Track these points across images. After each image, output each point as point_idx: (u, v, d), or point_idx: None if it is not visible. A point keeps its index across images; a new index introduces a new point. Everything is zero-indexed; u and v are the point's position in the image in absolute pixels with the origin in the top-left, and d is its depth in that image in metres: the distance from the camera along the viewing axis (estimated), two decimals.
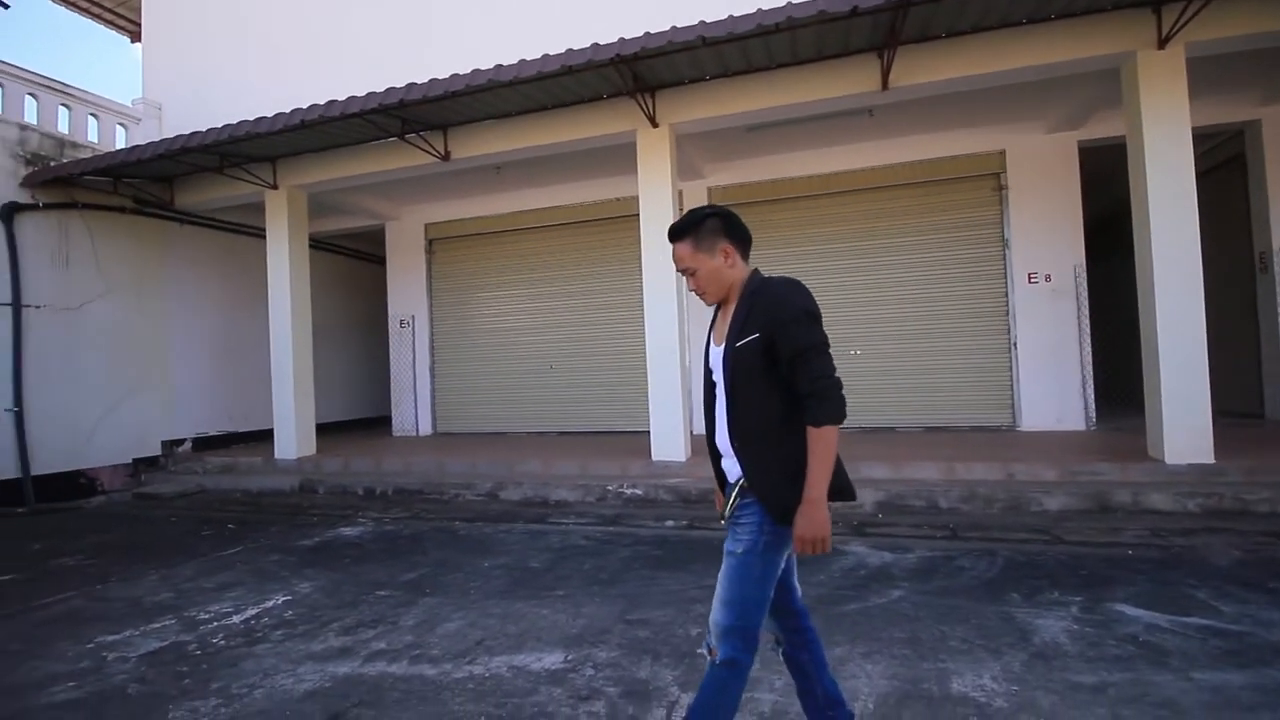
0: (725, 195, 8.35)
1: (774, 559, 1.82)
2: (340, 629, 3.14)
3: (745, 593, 1.79)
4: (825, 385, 1.72)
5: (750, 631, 1.80)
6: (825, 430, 1.72)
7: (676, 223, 1.95)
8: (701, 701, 1.81)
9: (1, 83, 7.38)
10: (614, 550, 4.39)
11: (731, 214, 1.95)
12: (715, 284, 1.93)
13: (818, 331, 1.77)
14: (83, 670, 2.79)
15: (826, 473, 1.72)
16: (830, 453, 1.72)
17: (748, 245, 1.96)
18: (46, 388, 7.27)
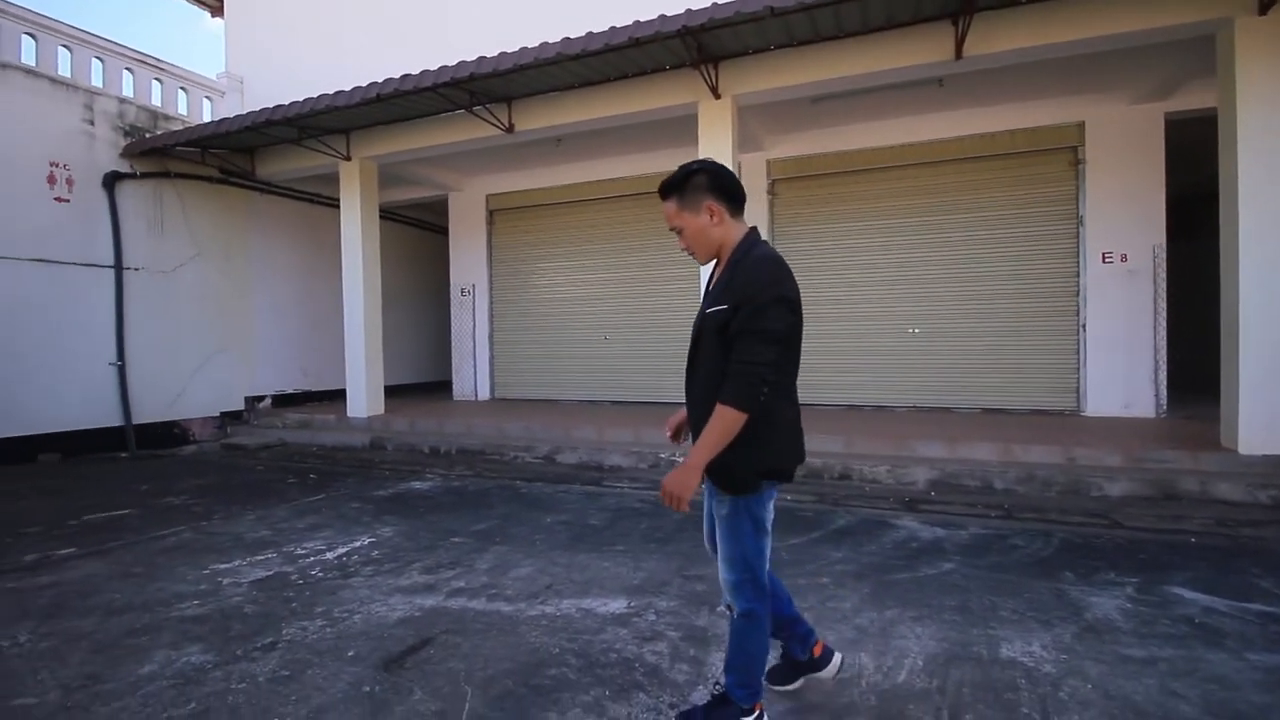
0: (785, 168, 8.28)
1: (758, 512, 1.89)
2: (422, 568, 3.44)
3: (743, 548, 1.89)
4: (745, 369, 1.72)
5: (757, 580, 1.91)
6: (725, 410, 1.72)
7: (665, 180, 1.94)
8: (733, 652, 1.95)
9: (102, 58, 7.92)
10: (667, 514, 4.58)
11: (721, 169, 1.93)
12: (702, 243, 1.94)
13: (771, 317, 1.76)
14: (203, 591, 3.17)
15: (714, 447, 1.74)
16: (723, 433, 1.73)
17: (739, 202, 1.95)
18: (145, 345, 7.92)
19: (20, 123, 7.00)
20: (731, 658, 1.96)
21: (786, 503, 4.84)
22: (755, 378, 1.72)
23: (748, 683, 1.95)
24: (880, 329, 7.84)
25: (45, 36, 7.38)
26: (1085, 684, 2.27)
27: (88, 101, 7.60)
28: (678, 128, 7.32)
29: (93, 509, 4.83)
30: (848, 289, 8.01)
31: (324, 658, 2.47)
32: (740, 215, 1.96)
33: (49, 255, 7.16)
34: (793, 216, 8.33)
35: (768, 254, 1.88)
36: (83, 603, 3.03)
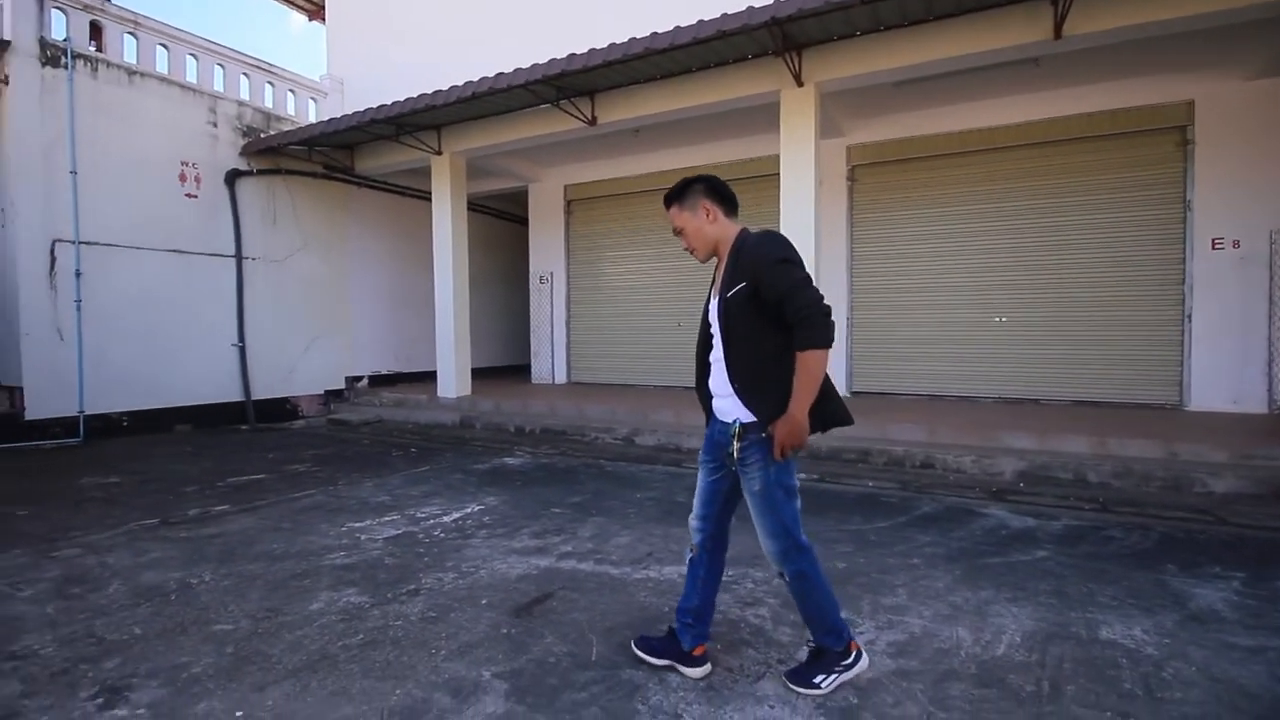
0: (866, 154, 8.18)
1: (787, 481, 2.06)
2: (531, 534, 3.75)
3: (780, 519, 2.05)
4: (810, 313, 1.88)
5: (798, 544, 2.08)
6: (809, 354, 1.89)
7: (668, 191, 2.21)
8: (805, 609, 2.16)
9: (223, 64, 8.66)
10: None
11: (715, 179, 2.21)
12: (700, 240, 2.17)
13: (795, 271, 1.94)
14: (345, 545, 3.58)
15: (810, 393, 1.90)
16: (814, 376, 1.90)
17: (732, 205, 2.19)
18: (260, 328, 8.68)
19: (156, 126, 7.78)
20: (806, 615, 2.16)
21: (867, 489, 4.92)
22: (821, 315, 1.89)
23: (831, 628, 2.13)
24: (965, 318, 7.68)
25: (175, 46, 8.15)
26: (1189, 666, 2.30)
27: (211, 105, 8.35)
28: (755, 116, 7.38)
29: (234, 473, 5.44)
30: (930, 276, 7.88)
31: (462, 604, 2.79)
32: (734, 217, 2.19)
33: (181, 246, 7.95)
34: (873, 203, 8.23)
35: (762, 232, 2.10)
36: (247, 550, 3.49)
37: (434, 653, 2.37)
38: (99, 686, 2.15)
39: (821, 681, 2.11)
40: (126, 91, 7.53)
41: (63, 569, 3.22)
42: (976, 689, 2.15)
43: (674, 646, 2.23)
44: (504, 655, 2.34)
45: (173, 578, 3.10)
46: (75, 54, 7.11)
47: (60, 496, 4.60)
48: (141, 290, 7.55)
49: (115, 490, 4.81)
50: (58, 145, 6.94)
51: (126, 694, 2.11)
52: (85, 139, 7.11)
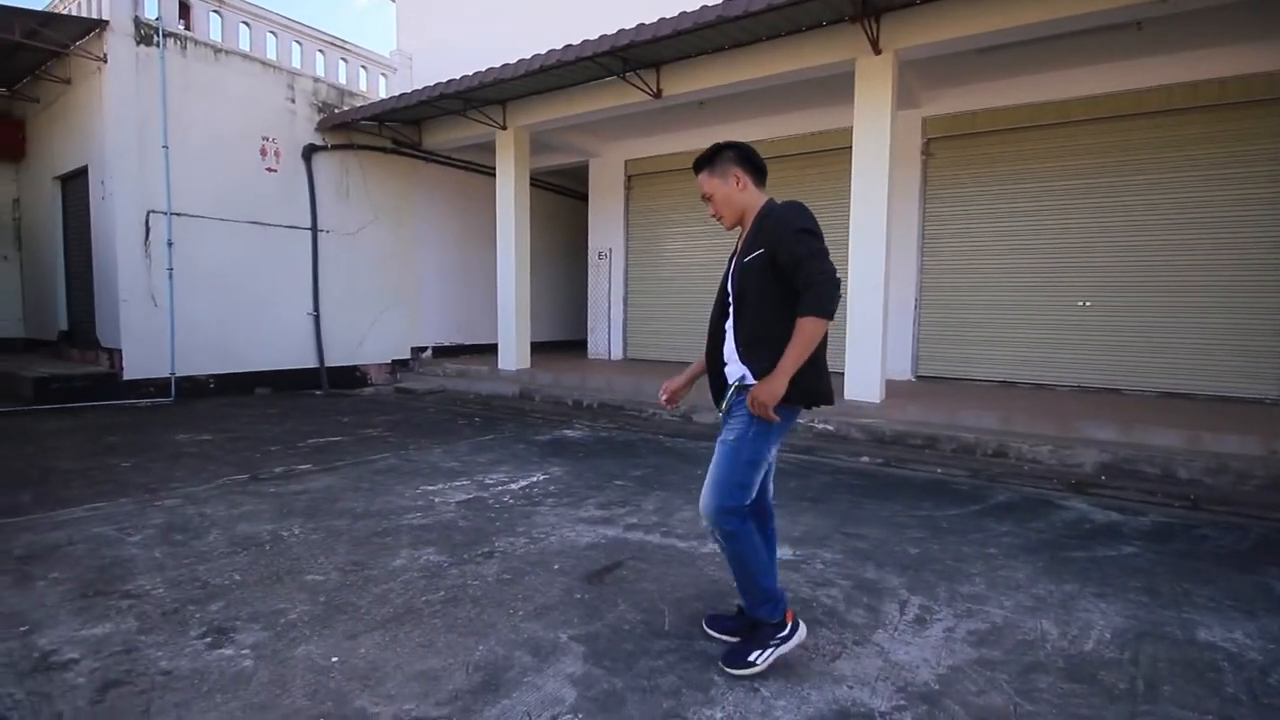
0: (943, 126, 7.79)
1: (761, 446, 2.03)
2: (596, 505, 3.81)
3: (731, 475, 2.03)
4: (818, 280, 1.89)
5: (736, 509, 2.03)
6: (808, 320, 1.90)
7: (699, 156, 2.19)
8: (738, 576, 2.11)
9: (300, 42, 8.92)
10: (814, 476, 4.68)
11: (746, 147, 2.18)
12: (729, 207, 2.16)
13: (813, 242, 1.94)
14: (421, 506, 3.72)
15: (799, 357, 1.90)
16: (807, 340, 1.90)
17: (761, 175, 2.18)
18: (333, 298, 9.04)
19: (240, 102, 8.11)
20: (740, 583, 2.12)
21: (935, 475, 4.77)
22: (830, 285, 1.90)
23: (763, 597, 2.09)
24: (1044, 301, 7.29)
25: (257, 24, 8.43)
26: None
27: (290, 82, 8.63)
28: (825, 87, 7.13)
29: (312, 435, 5.72)
30: (1007, 257, 7.50)
31: (535, 568, 2.87)
32: (762, 186, 2.18)
33: (261, 218, 8.32)
34: (949, 178, 7.86)
35: (787, 202, 2.10)
36: (331, 507, 3.68)
37: (512, 613, 2.44)
38: (206, 627, 2.32)
39: (757, 658, 2.06)
40: (212, 69, 7.86)
41: (166, 517, 3.46)
42: (1065, 683, 2.07)
43: (744, 625, 2.21)
44: (579, 619, 2.39)
45: (265, 529, 3.30)
46: (166, 33, 7.45)
47: (159, 451, 4.95)
48: (225, 260, 7.95)
49: (208, 447, 5.13)
50: (151, 121, 7.33)
51: (231, 635, 2.26)
52: (175, 115, 7.48)
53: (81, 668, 2.05)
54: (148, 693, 1.92)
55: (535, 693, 1.93)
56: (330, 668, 2.06)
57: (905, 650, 2.24)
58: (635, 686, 1.98)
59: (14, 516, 3.43)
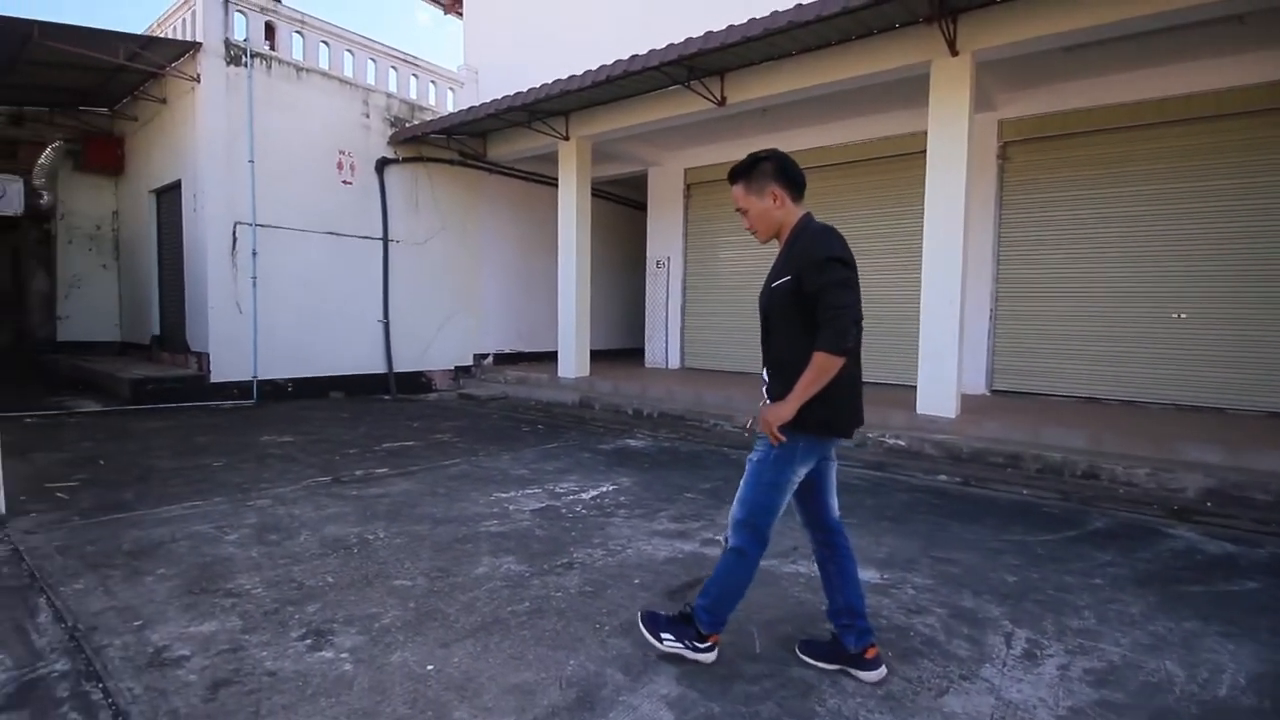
0: (1022, 129, 7.46)
1: (782, 470, 2.03)
2: (669, 518, 3.77)
3: (755, 495, 2.06)
4: (834, 315, 1.88)
5: (758, 529, 2.06)
6: (821, 355, 1.89)
7: (735, 166, 2.15)
8: (715, 579, 2.14)
9: (375, 59, 9.27)
10: (889, 493, 4.50)
11: (785, 158, 2.12)
12: (764, 224, 2.14)
13: (838, 272, 1.92)
14: (496, 514, 3.76)
15: (808, 389, 1.91)
16: (817, 374, 1.90)
17: (799, 188, 2.13)
18: (402, 306, 9.32)
19: (319, 118, 8.48)
20: (710, 583, 2.16)
21: (1021, 496, 4.52)
22: (844, 320, 1.89)
23: (714, 610, 2.13)
24: (1133, 312, 6.86)
25: (336, 44, 8.81)
26: None
27: (365, 97, 8.98)
28: (894, 90, 6.94)
29: (386, 439, 5.88)
30: (1093, 266, 7.10)
31: (616, 581, 2.84)
32: (800, 200, 2.14)
33: (337, 229, 8.66)
34: (1027, 183, 7.51)
35: (821, 226, 2.08)
36: (411, 511, 3.75)
37: (598, 627, 2.41)
38: (305, 629, 2.38)
39: (665, 640, 2.16)
40: (294, 86, 8.25)
41: (259, 517, 3.60)
42: None
43: (841, 650, 2.15)
44: None
45: (352, 532, 3.38)
46: (254, 53, 7.87)
47: (246, 451, 5.18)
48: (304, 269, 8.31)
49: (290, 448, 5.34)
50: (239, 137, 7.74)
51: (330, 638, 2.31)
52: (260, 131, 7.88)
53: (193, 665, 2.13)
54: (256, 693, 1.97)
55: (631, 713, 1.89)
56: (427, 676, 2.07)
57: (1018, 688, 2.10)
58: (734, 713, 1.92)
59: (121, 512, 3.64)
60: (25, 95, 8.53)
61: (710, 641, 2.15)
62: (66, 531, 3.33)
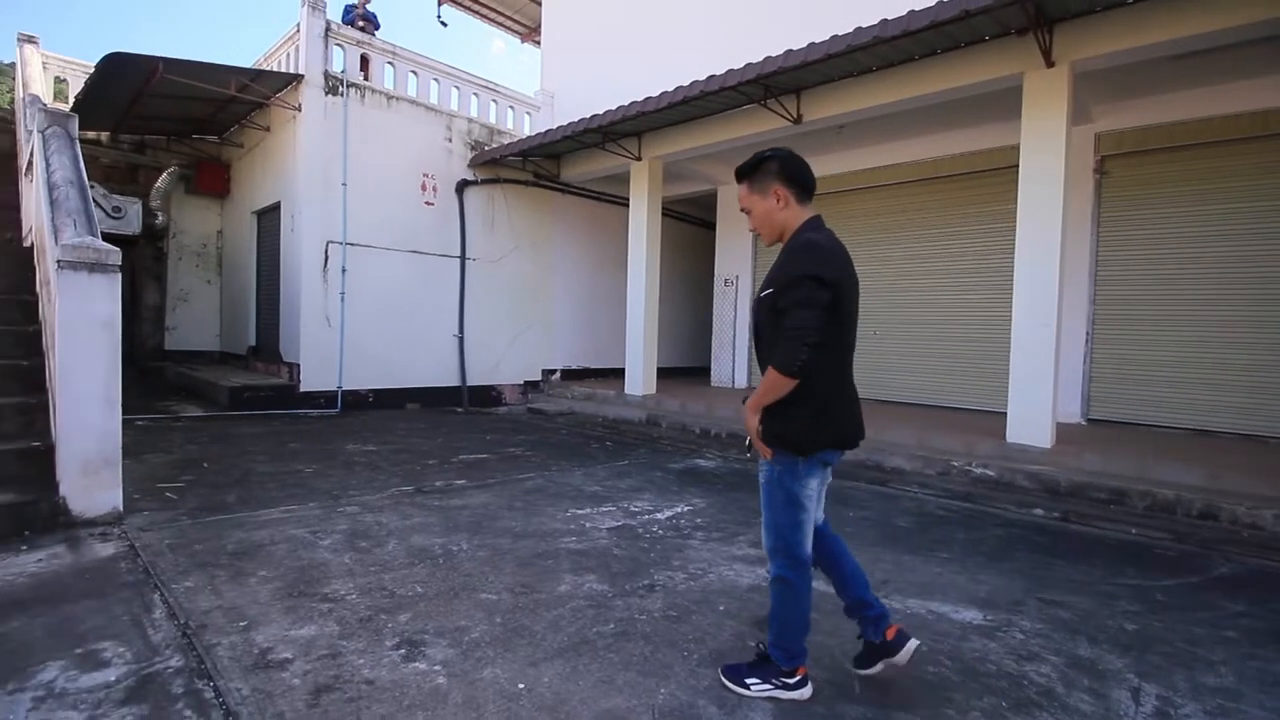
0: (1122, 142, 7.04)
1: (793, 485, 2.00)
2: (748, 542, 3.66)
3: (776, 517, 2.04)
4: (789, 335, 1.87)
5: (791, 550, 2.03)
6: (771, 372, 1.91)
7: (740, 165, 2.12)
8: (772, 612, 2.12)
9: (458, 86, 9.69)
10: (984, 527, 4.24)
11: (792, 157, 2.07)
12: (767, 225, 2.11)
13: (805, 290, 1.88)
14: (574, 530, 3.76)
15: (760, 399, 1.95)
16: (766, 389, 1.93)
17: (806, 190, 2.07)
18: (476, 322, 9.60)
19: (407, 143, 8.91)
20: (771, 618, 2.13)
21: (1129, 536, 4.17)
22: (795, 344, 1.85)
23: (784, 645, 2.08)
24: (1252, 338, 6.29)
25: (423, 73, 9.26)
26: None
27: (447, 123, 9.38)
28: (978, 105, 6.68)
29: (462, 451, 6.03)
30: (1202, 286, 6.57)
31: (700, 607, 2.77)
32: (808, 202, 2.09)
33: (420, 248, 9.03)
34: (1127, 199, 7.06)
35: (812, 238, 2.01)
36: (491, 525, 3.81)
37: (686, 655, 2.35)
38: (399, 638, 2.42)
39: (753, 685, 2.09)
40: (384, 113, 8.71)
41: (349, 524, 3.74)
42: None
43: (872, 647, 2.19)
44: None
45: (437, 543, 3.45)
46: (349, 83, 8.36)
47: (334, 459, 5.41)
48: (387, 285, 8.70)
49: (374, 457, 5.55)
50: (334, 161, 8.21)
51: (422, 649, 2.34)
52: (353, 155, 8.34)
53: (295, 668, 2.19)
54: (356, 701, 2.01)
55: None
56: (519, 694, 2.06)
57: None
58: None
59: (225, 514, 3.85)
60: (147, 125, 9.35)
61: (799, 675, 2.09)
62: (176, 530, 3.54)
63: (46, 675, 2.10)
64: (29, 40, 9.53)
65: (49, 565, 3.02)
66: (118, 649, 2.29)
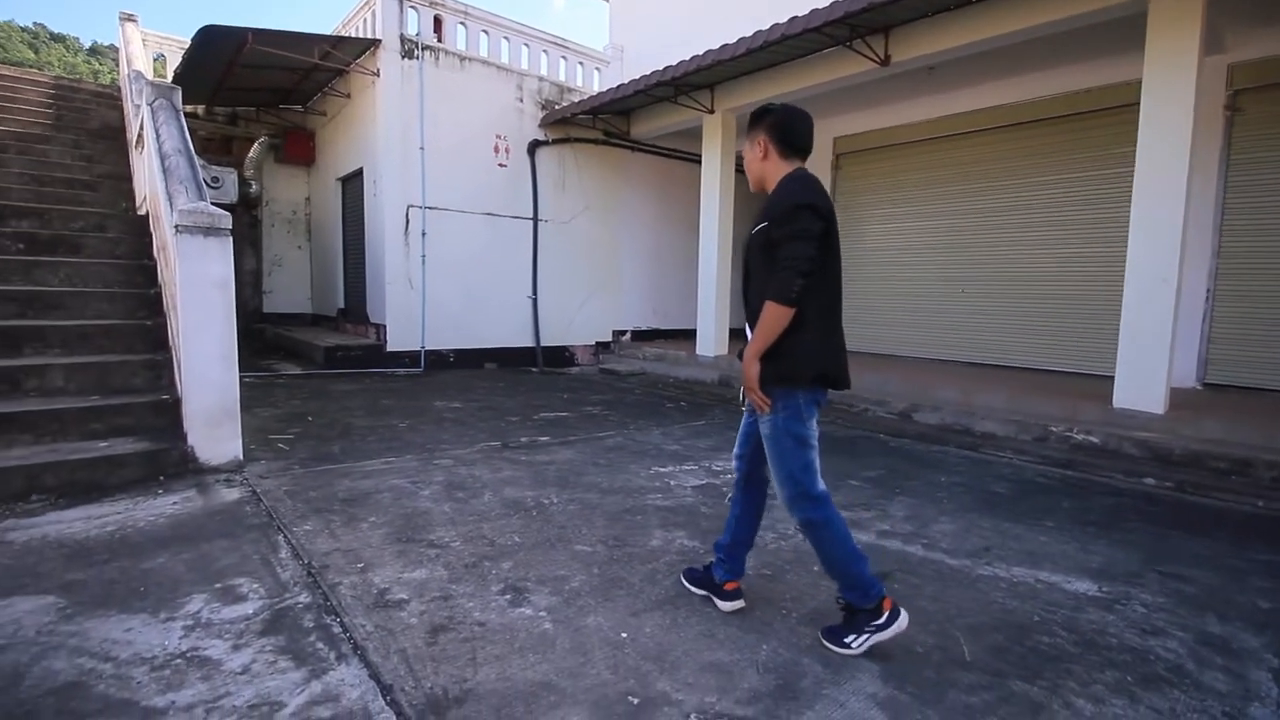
0: (1260, 73, 6.24)
1: (797, 429, 2.04)
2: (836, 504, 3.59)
3: (787, 466, 2.07)
4: (783, 265, 1.91)
5: (809, 492, 2.07)
6: (768, 305, 1.94)
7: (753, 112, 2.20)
8: (824, 561, 2.15)
9: (528, 44, 9.59)
10: (1091, 496, 4.01)
11: (787, 113, 2.12)
12: (752, 172, 2.20)
13: (803, 221, 1.92)
14: (659, 487, 3.80)
15: (762, 340, 1.97)
16: (765, 326, 1.95)
17: (791, 146, 2.10)
18: (549, 283, 9.71)
19: (479, 104, 8.95)
20: (827, 568, 2.15)
21: (1257, 509, 3.84)
22: (791, 273, 1.90)
23: (855, 584, 2.08)
24: None
25: (494, 32, 9.22)
26: None
27: (519, 82, 9.34)
28: (1089, 36, 6.05)
29: (541, 409, 6.18)
30: None
31: (794, 567, 2.76)
32: (794, 159, 2.12)
33: (493, 210, 9.15)
34: (1264, 140, 6.30)
35: (800, 174, 2.06)
36: (579, 480, 3.90)
37: (785, 613, 2.35)
38: (503, 584, 2.53)
39: (852, 641, 2.08)
40: (458, 75, 8.76)
41: (445, 476, 3.91)
42: None
43: (709, 579, 2.38)
44: None
45: (528, 495, 3.57)
46: (424, 46, 8.43)
47: (424, 415, 5.65)
48: (464, 248, 8.89)
49: (461, 413, 5.77)
50: (411, 126, 8.36)
51: (526, 595, 2.44)
52: (429, 119, 8.46)
53: (411, 609, 2.33)
54: (470, 641, 2.12)
55: (840, 710, 1.81)
56: (622, 643, 2.12)
57: None
58: None
59: (332, 464, 4.10)
60: (238, 98, 9.77)
61: (886, 609, 2.08)
62: (290, 478, 3.80)
63: (192, 606, 2.32)
64: (129, 19, 10.08)
65: (184, 508, 3.31)
66: (252, 585, 2.49)
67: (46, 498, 3.34)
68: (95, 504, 3.28)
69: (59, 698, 1.77)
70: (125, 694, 1.80)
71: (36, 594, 2.35)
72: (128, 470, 3.62)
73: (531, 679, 1.91)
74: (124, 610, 2.26)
